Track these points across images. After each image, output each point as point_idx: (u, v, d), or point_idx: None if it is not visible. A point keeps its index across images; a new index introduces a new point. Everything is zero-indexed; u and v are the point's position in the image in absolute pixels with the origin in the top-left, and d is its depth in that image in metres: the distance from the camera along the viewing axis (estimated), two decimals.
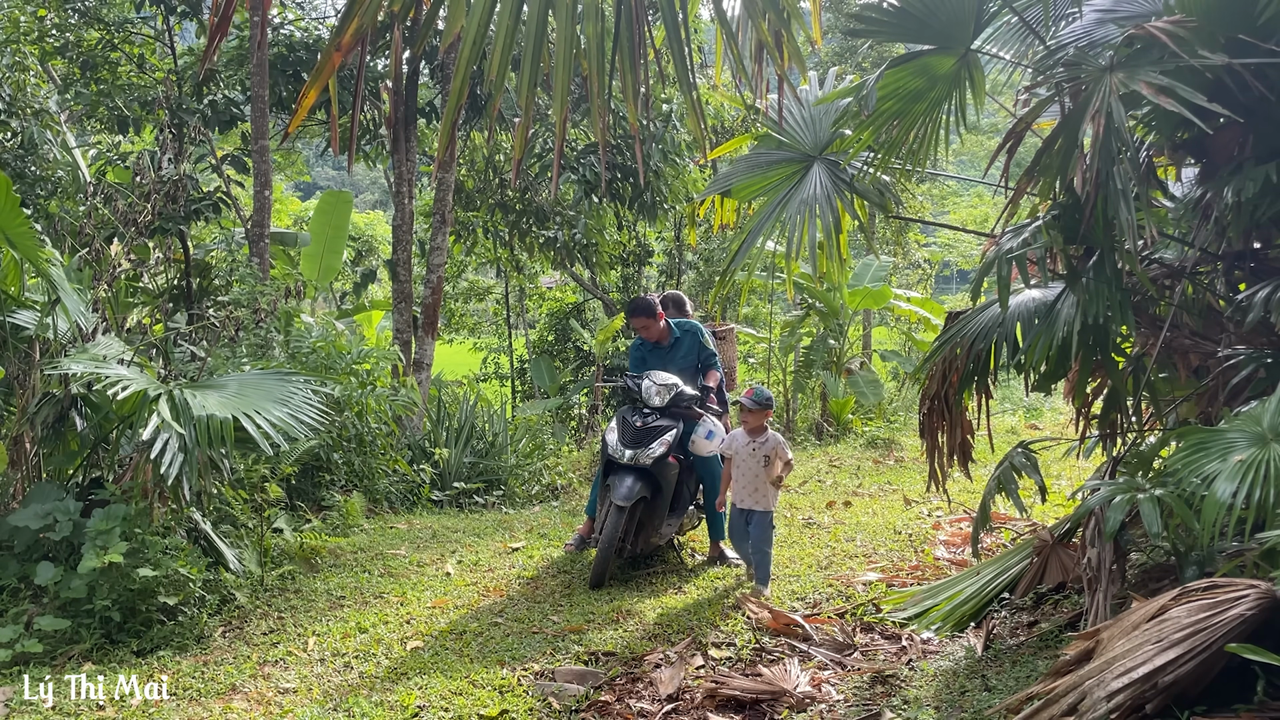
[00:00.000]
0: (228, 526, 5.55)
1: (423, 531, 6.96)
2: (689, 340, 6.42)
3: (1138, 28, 3.58)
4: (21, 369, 5.08)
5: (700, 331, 6.46)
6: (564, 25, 3.33)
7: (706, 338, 6.46)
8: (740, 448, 5.61)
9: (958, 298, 24.46)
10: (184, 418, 4.42)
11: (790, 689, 4.02)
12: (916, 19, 4.21)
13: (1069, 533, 4.50)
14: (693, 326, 6.48)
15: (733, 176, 5.39)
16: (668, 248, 14.81)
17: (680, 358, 6.39)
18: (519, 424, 9.85)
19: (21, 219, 4.66)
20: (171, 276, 9.23)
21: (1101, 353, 4.00)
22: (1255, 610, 2.65)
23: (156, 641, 4.56)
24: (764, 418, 5.57)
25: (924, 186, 18.02)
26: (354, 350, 7.47)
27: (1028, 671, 3.80)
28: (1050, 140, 3.81)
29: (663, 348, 6.42)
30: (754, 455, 5.56)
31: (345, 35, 3.26)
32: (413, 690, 4.13)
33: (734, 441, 5.64)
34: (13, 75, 8.21)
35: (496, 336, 18.28)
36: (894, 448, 11.25)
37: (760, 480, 5.53)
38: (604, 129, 3.43)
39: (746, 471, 5.57)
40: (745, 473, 5.57)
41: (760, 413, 5.55)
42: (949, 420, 4.67)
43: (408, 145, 9.45)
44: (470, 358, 18.69)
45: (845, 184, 4.85)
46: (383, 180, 19.66)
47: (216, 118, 9.01)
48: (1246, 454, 2.92)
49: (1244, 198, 3.56)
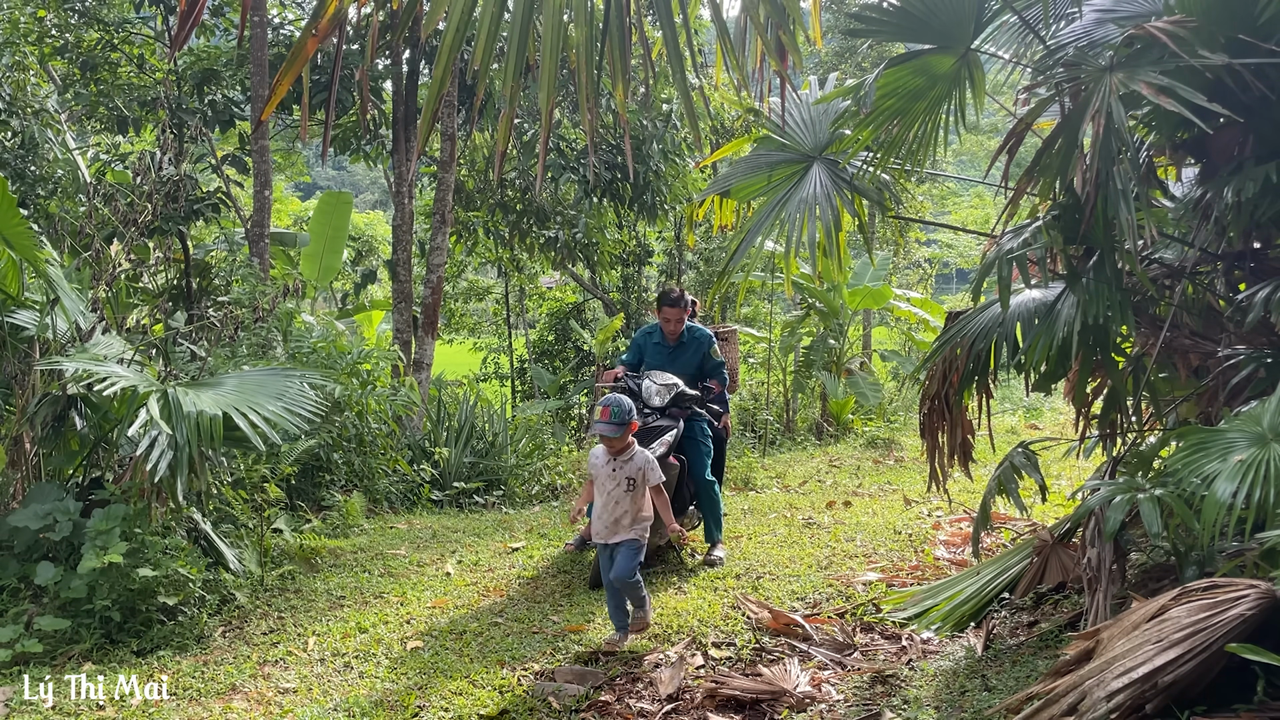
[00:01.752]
0: (228, 526, 5.55)
1: (423, 531, 6.96)
2: (695, 348, 6.35)
3: (1138, 28, 3.58)
4: (21, 369, 5.08)
5: (711, 342, 6.40)
6: (551, 13, 3.32)
7: (716, 349, 6.40)
8: (599, 469, 4.72)
9: (958, 298, 24.45)
10: (175, 415, 4.42)
11: (790, 689, 4.02)
12: (916, 19, 4.21)
13: (1069, 533, 4.50)
14: (705, 335, 6.41)
15: (732, 177, 5.39)
16: (668, 248, 14.80)
17: (684, 361, 6.33)
18: (519, 424, 9.85)
19: (20, 219, 4.66)
20: (171, 276, 9.23)
21: (1101, 353, 4.00)
22: (1255, 610, 2.65)
23: (156, 641, 4.56)
24: (628, 433, 4.67)
25: (924, 186, 18.02)
26: (354, 350, 7.47)
27: (1028, 671, 3.80)
28: (1050, 140, 3.81)
29: (668, 346, 6.38)
30: (614, 478, 4.66)
31: (321, 21, 3.24)
32: (413, 690, 4.13)
33: (593, 461, 4.77)
34: (13, 75, 8.21)
35: (496, 336, 18.27)
36: (894, 448, 11.25)
37: (623, 509, 4.64)
38: (593, 122, 3.42)
39: (607, 498, 4.68)
40: (605, 499, 4.68)
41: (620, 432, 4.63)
42: (949, 420, 4.67)
43: (408, 145, 9.45)
44: (470, 358, 18.68)
45: (845, 183, 4.85)
46: (383, 180, 19.66)
47: (216, 118, 9.01)
48: (1246, 454, 2.92)
49: (1244, 198, 3.55)
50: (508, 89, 3.39)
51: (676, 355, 6.37)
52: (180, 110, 8.67)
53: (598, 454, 4.74)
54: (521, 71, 3.35)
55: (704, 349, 6.35)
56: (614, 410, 4.59)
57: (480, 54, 3.34)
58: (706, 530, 6.30)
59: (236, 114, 9.14)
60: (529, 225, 12.16)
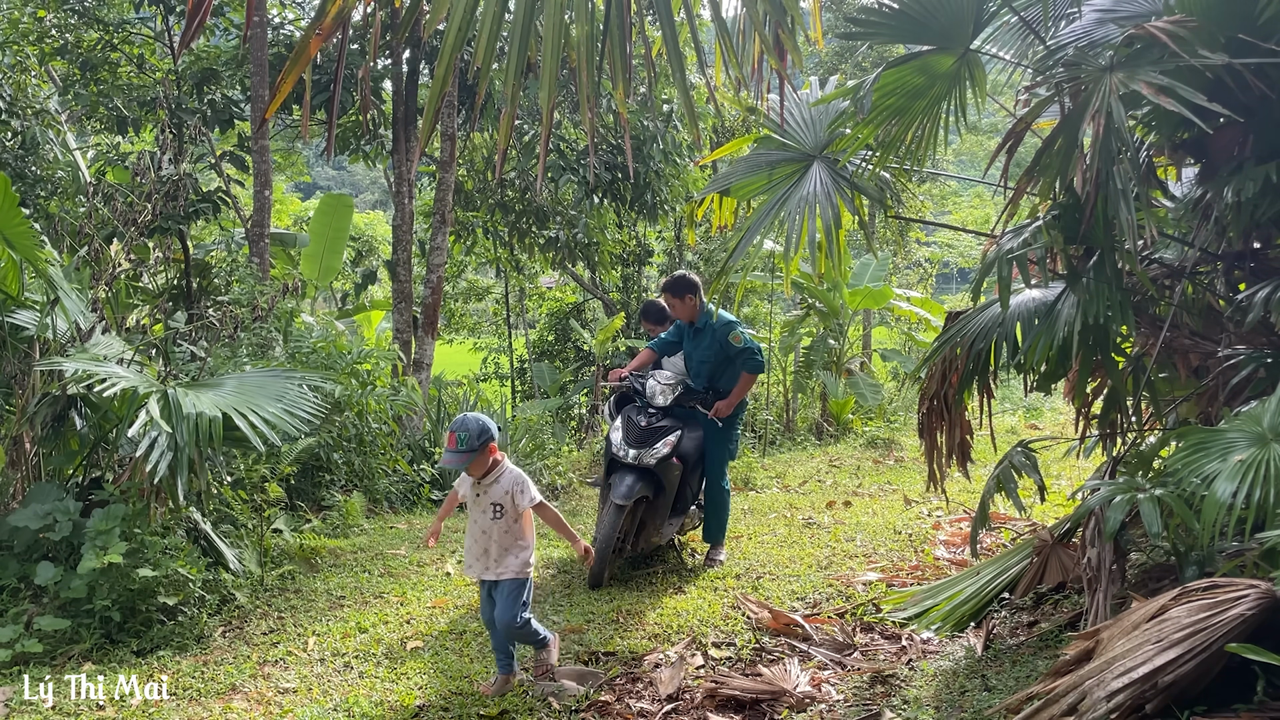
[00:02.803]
0: (228, 526, 5.55)
1: (423, 531, 6.96)
2: (710, 335, 6.06)
3: (1138, 28, 3.58)
4: (21, 369, 5.08)
5: (730, 328, 5.98)
6: (552, 13, 3.32)
7: (737, 333, 5.96)
8: (467, 494, 4.12)
9: (958, 298, 24.46)
10: (175, 416, 4.42)
11: (790, 689, 4.02)
12: (915, 20, 4.21)
13: (1069, 533, 4.50)
14: (721, 322, 6.02)
15: (732, 176, 5.39)
16: (668, 247, 14.81)
17: (704, 347, 6.12)
18: (519, 424, 9.85)
19: (21, 219, 4.66)
20: (171, 276, 9.23)
21: (1101, 353, 4.00)
22: (1255, 610, 2.65)
23: (156, 641, 4.56)
24: (488, 455, 3.95)
25: (925, 186, 18.02)
26: (354, 350, 7.47)
27: (1028, 671, 3.80)
28: (1050, 140, 3.81)
29: (692, 330, 6.20)
30: (479, 504, 4.02)
31: (325, 21, 3.25)
32: (413, 690, 4.13)
33: (459, 485, 4.17)
34: (13, 75, 8.21)
35: (496, 336, 18.28)
36: (894, 448, 11.25)
37: (491, 539, 4.01)
38: (593, 121, 3.43)
39: (473, 526, 4.07)
40: (472, 528, 4.08)
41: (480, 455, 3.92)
42: (949, 420, 4.67)
43: (408, 145, 9.45)
44: (470, 358, 18.69)
45: (845, 181, 4.85)
46: (383, 180, 19.66)
47: (216, 117, 9.01)
48: (1246, 454, 2.92)
49: (1244, 198, 3.55)
50: (509, 89, 3.39)
51: (699, 341, 6.15)
52: (180, 110, 8.67)
53: (464, 481, 4.09)
54: (522, 72, 3.35)
55: (720, 336, 5.99)
56: (460, 437, 3.85)
57: (482, 54, 3.34)
58: (708, 530, 6.26)
59: (236, 114, 9.14)
60: (528, 225, 12.16)
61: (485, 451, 3.92)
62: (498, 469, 4.01)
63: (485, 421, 3.91)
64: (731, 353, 5.99)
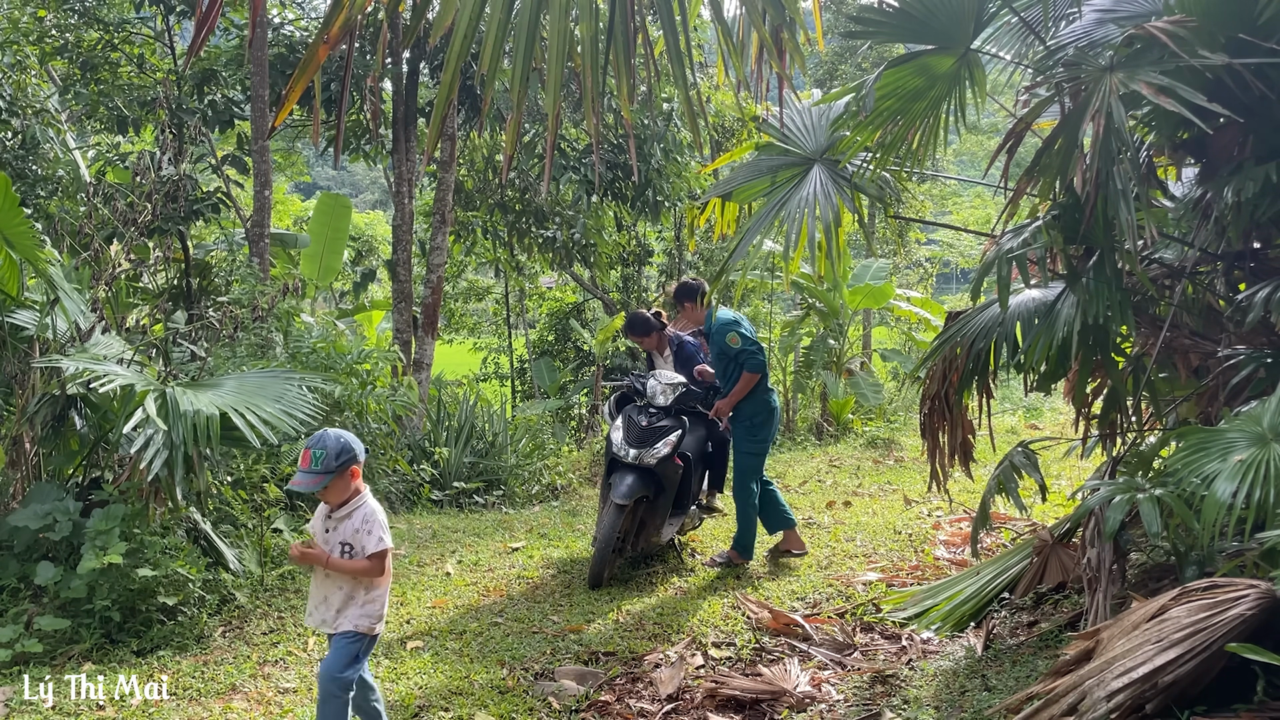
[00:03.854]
0: (228, 526, 5.55)
1: (423, 531, 6.96)
2: (713, 338, 6.00)
3: (1138, 28, 3.58)
4: (21, 369, 5.08)
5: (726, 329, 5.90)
6: (557, 18, 3.33)
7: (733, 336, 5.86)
8: (316, 528, 3.47)
9: (958, 298, 24.45)
10: (172, 415, 4.42)
11: (790, 689, 4.02)
12: (916, 19, 4.21)
13: (1069, 533, 4.50)
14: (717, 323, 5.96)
15: (734, 181, 5.39)
16: (668, 247, 14.80)
17: (714, 350, 6.09)
18: (519, 424, 9.85)
19: (21, 219, 4.66)
20: (171, 276, 9.23)
21: (1101, 353, 4.00)
22: (1255, 610, 2.65)
23: (156, 641, 4.56)
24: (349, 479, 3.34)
25: (925, 186, 18.02)
26: (354, 350, 7.47)
27: (1028, 671, 3.80)
28: (1050, 140, 3.81)
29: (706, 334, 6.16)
30: (327, 541, 3.38)
31: (333, 28, 3.26)
32: (413, 690, 4.13)
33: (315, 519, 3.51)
34: (13, 75, 8.21)
35: (496, 336, 18.28)
36: (894, 448, 11.25)
37: (334, 585, 3.36)
38: (597, 124, 3.43)
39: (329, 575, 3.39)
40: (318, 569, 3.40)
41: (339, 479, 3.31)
42: (949, 420, 4.67)
43: (408, 145, 9.45)
44: (470, 358, 18.69)
45: (845, 181, 4.85)
46: (383, 180, 19.66)
47: (216, 118, 9.01)
48: (1246, 454, 2.92)
49: (1244, 198, 3.55)
50: (514, 93, 3.40)
51: (711, 344, 6.11)
52: (180, 110, 8.66)
53: (320, 512, 3.46)
54: (527, 75, 3.36)
55: (718, 339, 5.95)
56: (315, 455, 3.27)
57: (487, 58, 3.36)
58: (735, 538, 6.09)
59: (236, 114, 9.13)
60: (528, 225, 12.16)
61: (345, 476, 3.30)
62: (355, 500, 3.35)
63: (348, 440, 3.32)
64: (731, 354, 5.93)
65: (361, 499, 3.37)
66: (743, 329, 5.94)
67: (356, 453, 3.32)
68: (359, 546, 3.31)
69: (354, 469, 3.33)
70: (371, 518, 3.34)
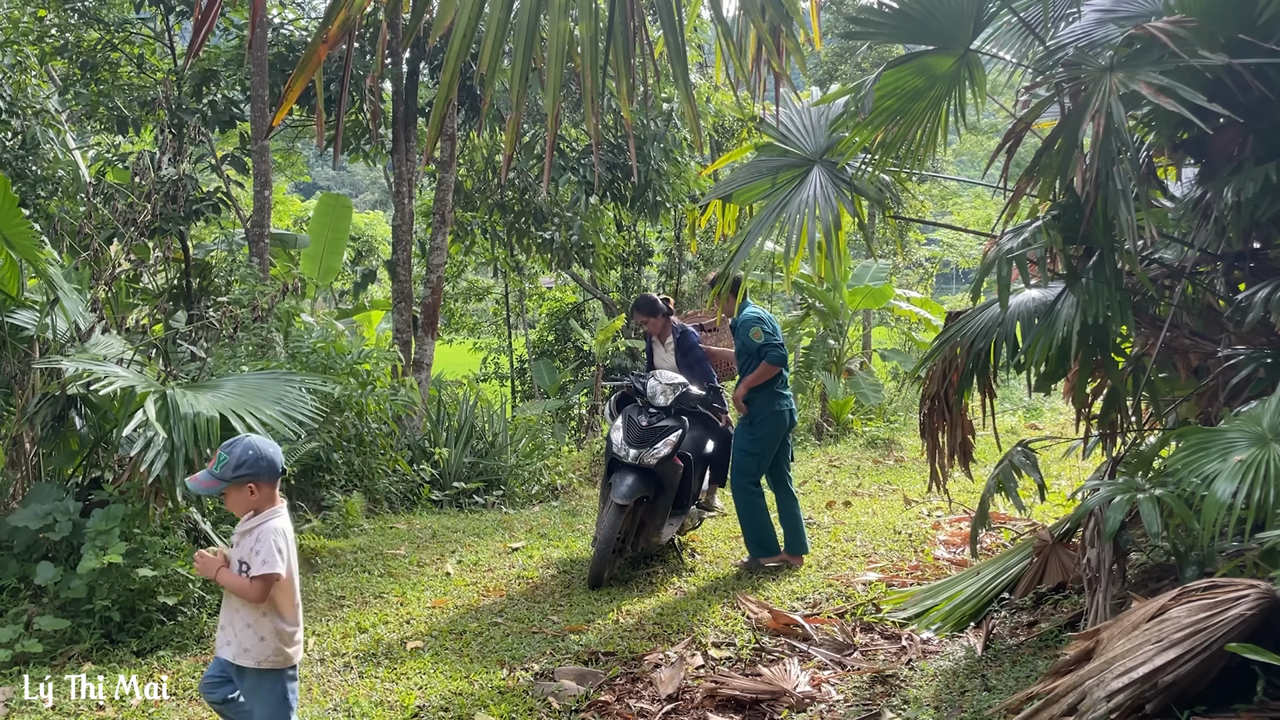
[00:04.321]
0: (228, 526, 5.54)
1: (423, 531, 6.96)
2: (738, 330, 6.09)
3: (1138, 28, 3.58)
4: (21, 369, 5.08)
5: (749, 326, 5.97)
6: (556, 18, 3.33)
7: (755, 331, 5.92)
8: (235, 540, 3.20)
9: (958, 298, 24.44)
10: (172, 416, 4.42)
11: (790, 689, 4.02)
12: (915, 20, 4.21)
13: (1069, 533, 4.50)
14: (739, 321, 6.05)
15: (734, 182, 5.40)
16: (668, 248, 14.80)
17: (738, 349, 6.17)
18: (519, 424, 9.84)
19: (21, 219, 4.66)
20: (171, 276, 9.23)
21: (1101, 353, 4.00)
22: (1255, 610, 2.65)
23: (156, 641, 4.56)
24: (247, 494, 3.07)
25: (925, 186, 18.01)
26: (354, 350, 7.46)
27: (1028, 671, 3.80)
28: (1050, 140, 3.81)
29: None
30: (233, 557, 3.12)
31: (331, 28, 3.27)
32: (413, 690, 4.13)
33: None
34: (13, 75, 8.21)
35: (496, 336, 18.27)
36: (894, 448, 11.25)
37: (233, 609, 3.10)
38: (597, 124, 3.43)
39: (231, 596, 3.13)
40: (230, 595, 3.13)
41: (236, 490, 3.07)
42: (949, 420, 4.67)
43: (408, 145, 9.45)
44: (470, 358, 18.69)
45: (845, 183, 4.85)
46: (383, 180, 19.66)
47: (216, 118, 9.01)
48: (1246, 454, 2.92)
49: (1244, 198, 3.55)
50: (514, 94, 3.40)
51: (735, 338, 6.20)
52: (180, 110, 8.66)
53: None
54: (526, 76, 3.36)
55: (742, 334, 6.02)
56: (219, 457, 3.08)
57: (487, 58, 3.36)
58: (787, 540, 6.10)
59: (236, 114, 9.13)
60: (527, 226, 12.16)
61: (243, 489, 3.05)
62: (262, 517, 3.08)
63: (260, 454, 3.06)
64: (753, 348, 5.95)
65: (266, 517, 3.08)
66: (765, 325, 5.97)
67: (261, 470, 3.05)
68: (251, 566, 3.02)
69: (252, 485, 3.05)
70: (268, 538, 3.03)
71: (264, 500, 3.09)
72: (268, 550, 3.00)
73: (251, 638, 3.05)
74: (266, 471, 3.06)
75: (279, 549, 3.02)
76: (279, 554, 3.02)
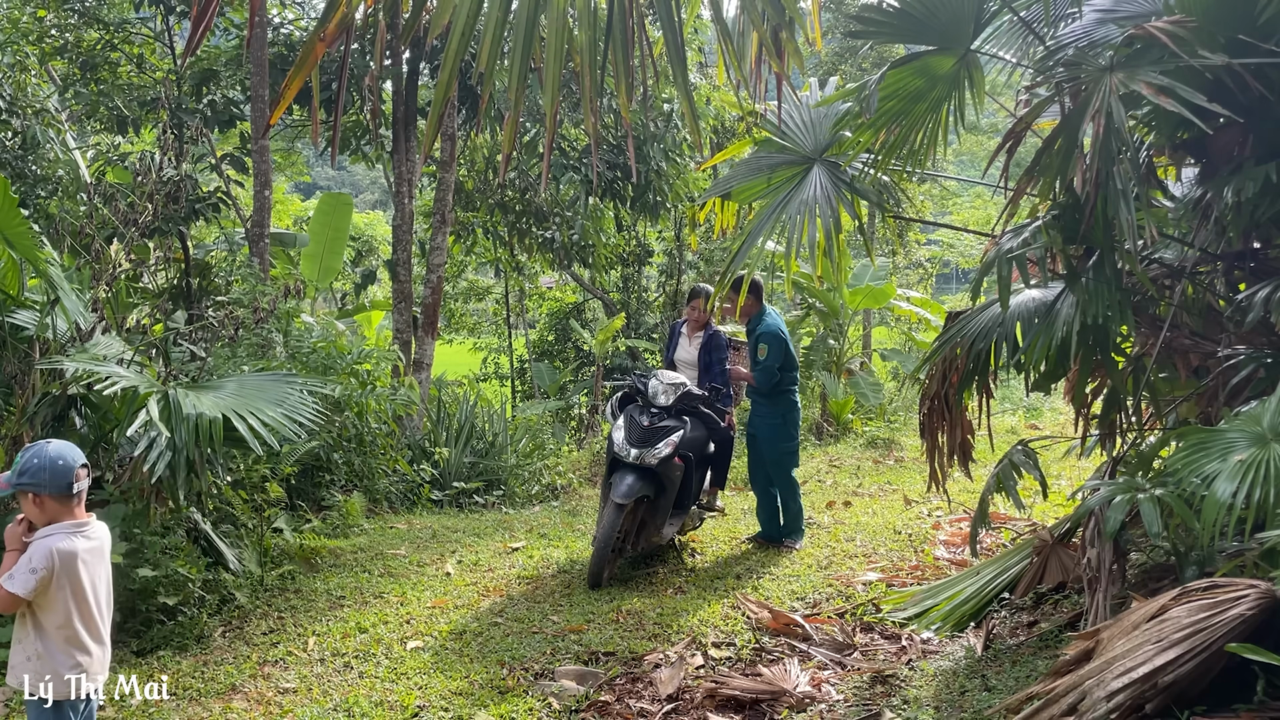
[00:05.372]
0: (228, 526, 5.55)
1: (423, 531, 6.96)
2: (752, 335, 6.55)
3: (1138, 28, 3.58)
4: (21, 369, 5.08)
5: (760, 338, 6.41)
6: (555, 17, 3.33)
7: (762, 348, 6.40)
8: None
9: (958, 298, 24.45)
10: (175, 417, 4.42)
11: (790, 689, 4.02)
12: (917, 20, 4.21)
13: (1069, 533, 4.50)
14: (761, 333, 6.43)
15: (733, 179, 5.40)
16: (668, 248, 14.81)
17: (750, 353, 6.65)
18: (519, 424, 9.85)
19: (21, 219, 4.66)
20: (171, 276, 9.23)
21: (1101, 353, 4.00)
22: (1255, 610, 2.65)
23: (156, 641, 4.56)
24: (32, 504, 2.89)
25: (925, 186, 18.02)
26: (354, 350, 7.46)
27: (1028, 671, 3.80)
28: (1050, 140, 3.81)
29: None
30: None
31: (329, 25, 3.26)
32: (413, 690, 4.13)
33: None
34: (13, 75, 8.21)
35: (496, 336, 18.28)
36: (894, 448, 11.25)
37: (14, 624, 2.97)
38: (596, 124, 3.43)
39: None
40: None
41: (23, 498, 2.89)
42: (949, 420, 4.67)
43: (407, 145, 9.45)
44: (470, 358, 18.69)
45: (845, 184, 4.85)
46: (383, 180, 19.66)
47: (216, 118, 9.01)
48: (1246, 454, 2.92)
49: (1244, 198, 3.56)
50: (512, 93, 3.40)
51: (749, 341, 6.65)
52: (180, 110, 8.67)
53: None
54: (525, 75, 3.36)
55: (753, 345, 6.51)
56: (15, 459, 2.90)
57: (485, 57, 3.35)
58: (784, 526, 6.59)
59: (236, 114, 9.14)
60: (527, 225, 12.16)
61: (25, 499, 2.85)
62: (44, 531, 2.86)
63: (42, 464, 2.84)
64: (756, 360, 6.49)
65: (51, 531, 2.87)
66: (774, 346, 6.40)
67: (41, 482, 2.82)
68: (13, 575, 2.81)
69: (35, 497, 2.84)
70: (35, 552, 2.81)
71: (58, 514, 2.87)
72: (24, 566, 2.81)
73: (18, 655, 2.88)
74: (49, 485, 2.83)
75: (35, 569, 2.80)
76: (33, 574, 2.79)
